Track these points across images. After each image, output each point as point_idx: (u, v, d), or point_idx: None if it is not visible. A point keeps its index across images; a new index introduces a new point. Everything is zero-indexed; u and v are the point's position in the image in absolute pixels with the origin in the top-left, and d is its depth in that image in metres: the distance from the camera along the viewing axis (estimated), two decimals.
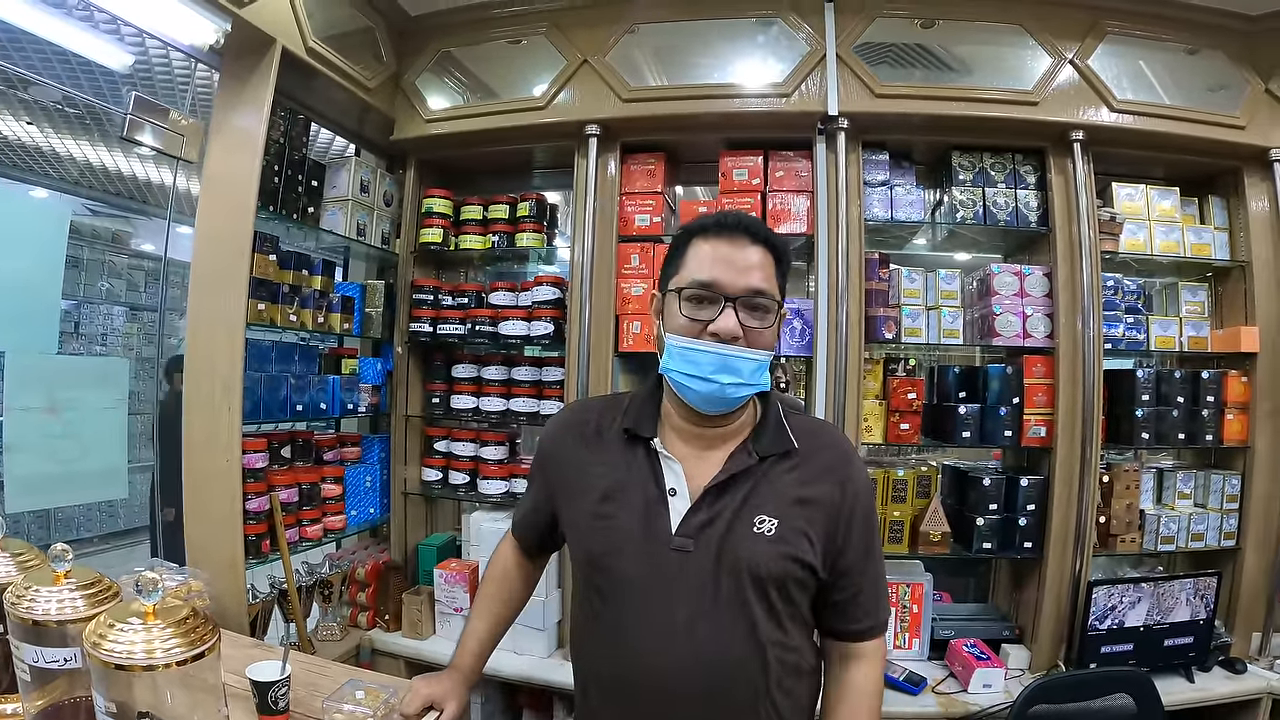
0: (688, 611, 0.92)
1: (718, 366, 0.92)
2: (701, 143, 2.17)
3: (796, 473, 0.97)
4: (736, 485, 0.96)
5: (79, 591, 0.84)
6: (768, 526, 0.93)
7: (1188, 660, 1.98)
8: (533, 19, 2.15)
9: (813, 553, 0.94)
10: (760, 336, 0.94)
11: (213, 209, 1.80)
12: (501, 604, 1.20)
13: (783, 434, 0.99)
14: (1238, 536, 2.11)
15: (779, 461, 0.98)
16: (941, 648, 2.03)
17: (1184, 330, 2.16)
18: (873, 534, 1.02)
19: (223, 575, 1.70)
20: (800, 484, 0.96)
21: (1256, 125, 2.04)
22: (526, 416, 2.20)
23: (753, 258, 0.94)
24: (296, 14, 1.84)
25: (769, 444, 0.98)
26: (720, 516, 0.94)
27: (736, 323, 0.92)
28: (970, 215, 2.07)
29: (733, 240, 0.94)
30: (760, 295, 0.93)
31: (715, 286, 0.93)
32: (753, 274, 0.93)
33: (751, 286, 0.93)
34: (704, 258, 0.94)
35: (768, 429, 1.00)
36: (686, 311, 0.94)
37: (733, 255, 0.93)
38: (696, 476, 0.97)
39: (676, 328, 0.95)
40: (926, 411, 2.12)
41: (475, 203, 2.31)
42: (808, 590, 0.97)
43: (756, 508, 0.95)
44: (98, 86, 3.04)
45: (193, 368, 1.77)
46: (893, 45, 2.03)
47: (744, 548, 0.92)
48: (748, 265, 0.93)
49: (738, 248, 0.94)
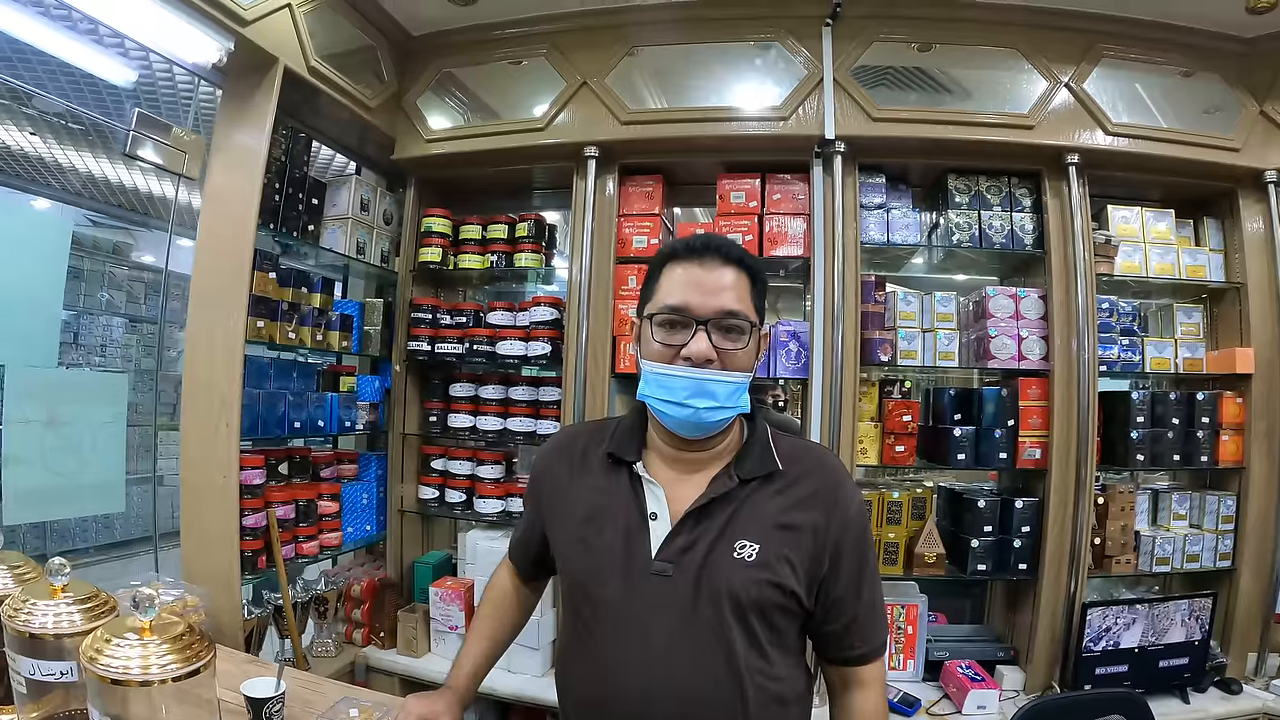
0: (666, 637, 0.91)
1: (692, 391, 0.91)
2: (699, 165, 2.18)
3: (780, 497, 0.95)
4: (718, 509, 0.94)
5: (76, 606, 0.85)
6: (748, 552, 0.92)
7: (1183, 681, 1.98)
8: (533, 40, 2.17)
9: (795, 579, 0.92)
10: (735, 358, 0.92)
11: (213, 226, 1.82)
12: (497, 627, 1.20)
13: (767, 456, 0.98)
14: (1233, 557, 2.11)
15: (762, 485, 0.96)
16: (936, 669, 2.03)
17: (1179, 352, 2.17)
18: (866, 560, 0.99)
19: (219, 591, 1.70)
20: (784, 508, 0.95)
21: (1251, 147, 2.05)
22: (523, 436, 2.21)
23: (724, 279, 0.92)
24: (299, 33, 1.86)
25: (752, 467, 0.97)
26: (700, 541, 0.93)
27: (709, 345, 0.91)
28: (966, 238, 2.08)
29: (703, 263, 0.93)
30: (733, 316, 0.92)
31: (686, 310, 0.92)
32: (724, 295, 0.92)
33: (723, 308, 0.91)
34: (675, 282, 0.94)
35: (752, 452, 0.98)
36: (659, 337, 0.93)
37: (704, 278, 0.92)
38: (678, 500, 0.96)
39: (651, 353, 0.95)
40: (922, 433, 2.12)
41: (474, 222, 2.33)
42: (793, 616, 0.95)
43: (738, 532, 0.93)
44: (101, 101, 3.06)
45: (191, 384, 1.78)
46: (890, 69, 2.05)
47: (723, 573, 0.91)
48: (719, 287, 0.92)
49: (709, 270, 0.93)
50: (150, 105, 2.94)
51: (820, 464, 1.01)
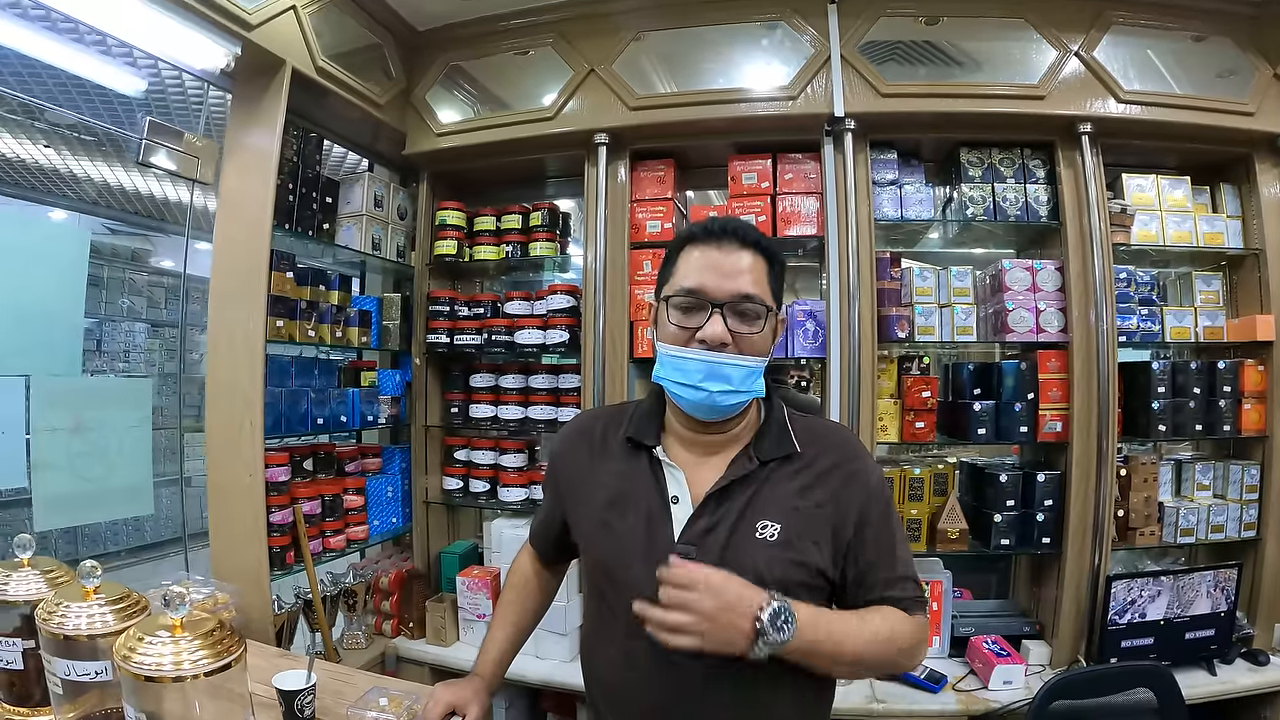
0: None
1: (706, 374, 0.91)
2: (710, 148, 2.18)
3: (799, 477, 0.96)
4: (738, 491, 0.95)
5: (108, 606, 0.86)
6: (770, 532, 0.93)
7: (1209, 653, 1.97)
8: (539, 30, 2.17)
9: (819, 556, 0.93)
10: (750, 342, 0.93)
11: (229, 229, 1.84)
12: (521, 613, 1.21)
13: (785, 437, 0.99)
14: (1258, 527, 2.09)
15: (781, 465, 0.97)
16: (962, 645, 2.02)
17: (1199, 320, 2.15)
18: (891, 529, 0.98)
19: (248, 587, 1.73)
20: (803, 487, 0.95)
21: (1266, 111, 2.02)
22: (544, 424, 2.22)
23: (741, 262, 0.93)
24: (305, 35, 1.87)
25: (770, 448, 0.97)
26: (722, 523, 0.94)
27: (724, 329, 0.91)
28: (980, 211, 2.07)
29: (721, 246, 0.94)
30: (748, 300, 0.92)
31: (702, 293, 0.92)
32: (740, 279, 0.92)
33: (739, 291, 0.92)
34: (692, 265, 0.94)
35: (770, 433, 0.99)
36: (675, 319, 0.94)
37: (721, 261, 0.93)
38: (698, 483, 0.97)
39: (667, 336, 0.95)
40: (941, 409, 2.11)
41: (488, 213, 2.34)
42: (818, 593, 0.95)
43: (759, 513, 0.94)
44: (113, 111, 3.10)
45: (214, 385, 1.81)
46: (897, 44, 2.04)
47: (747, 554, 0.92)
48: (736, 270, 0.92)
49: (726, 253, 0.93)
50: (161, 112, 2.98)
51: (837, 441, 1.02)
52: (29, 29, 1.96)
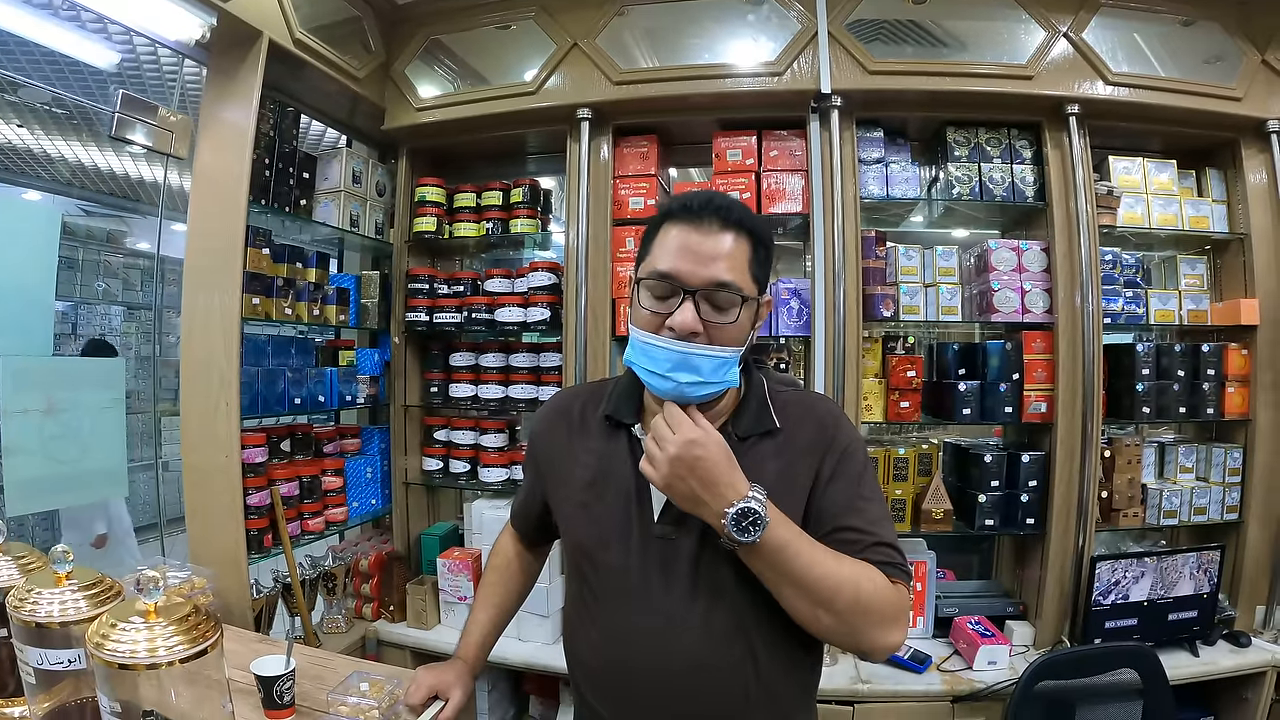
0: (673, 599, 0.91)
1: (675, 364, 0.86)
2: (694, 124, 2.15)
3: (781, 453, 0.94)
4: None
5: (81, 592, 0.83)
6: None
7: (1192, 634, 1.98)
8: (521, 3, 2.13)
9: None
10: (723, 332, 0.87)
11: (204, 205, 1.79)
12: (503, 594, 1.20)
13: (765, 414, 0.96)
14: (1240, 509, 2.10)
15: (761, 441, 0.94)
16: (946, 625, 2.03)
17: (1183, 304, 2.15)
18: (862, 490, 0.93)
19: (226, 571, 1.70)
20: (784, 463, 0.93)
21: (1253, 96, 2.02)
22: (525, 403, 2.20)
23: (721, 246, 0.86)
24: (283, 6, 1.83)
25: (750, 424, 0.95)
26: None
27: (695, 317, 0.85)
28: (966, 191, 2.05)
29: (700, 226, 0.87)
30: (724, 289, 0.86)
31: (675, 278, 0.86)
32: (717, 264, 0.86)
33: (714, 279, 0.85)
34: (669, 245, 0.88)
35: (750, 409, 0.96)
36: (646, 303, 0.89)
37: (700, 243, 0.86)
38: None
39: (639, 319, 0.90)
40: (926, 389, 2.11)
41: (468, 190, 2.30)
42: None
43: None
44: (86, 86, 3.03)
45: (189, 364, 1.77)
46: (885, 21, 2.01)
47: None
48: (714, 255, 0.86)
49: (706, 234, 0.86)
50: (136, 87, 2.91)
51: (817, 415, 0.98)
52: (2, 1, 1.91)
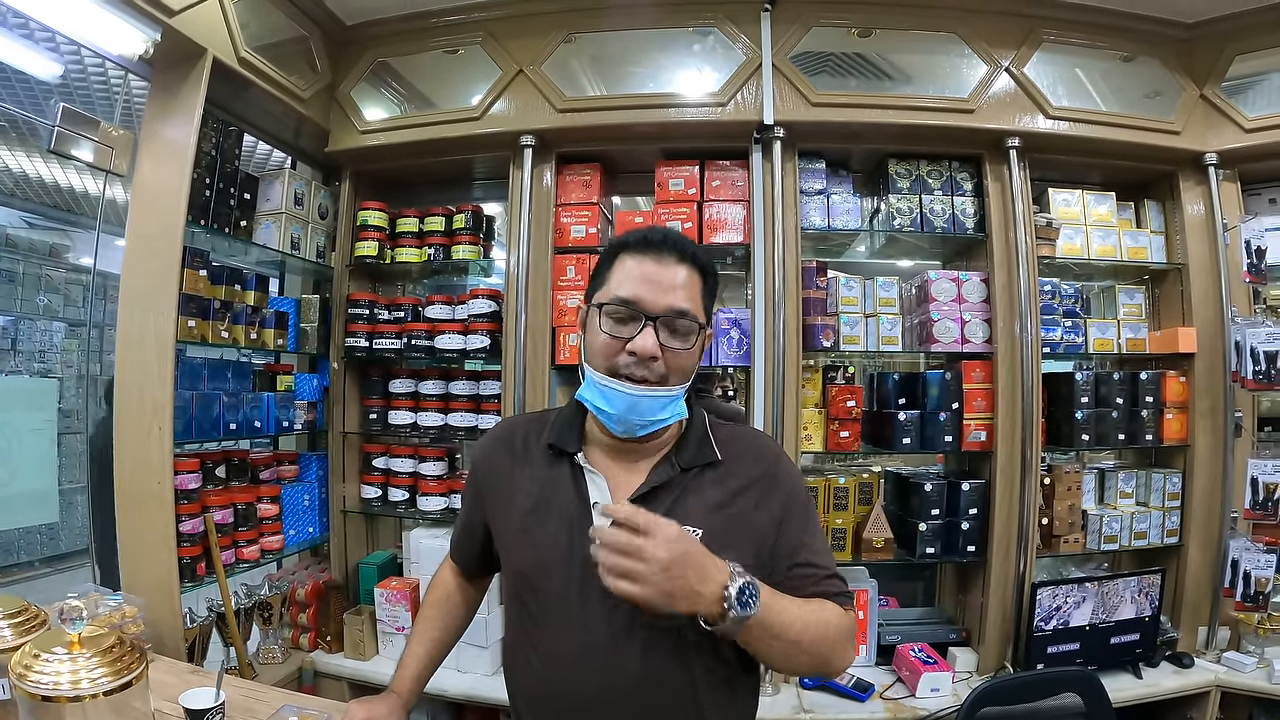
0: (614, 626, 0.91)
1: (628, 407, 0.93)
2: (638, 153, 2.16)
3: (721, 484, 0.97)
4: (659, 498, 0.95)
5: (4, 620, 0.83)
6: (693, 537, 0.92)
7: (1135, 657, 2.01)
8: (469, 28, 2.13)
9: (740, 560, 0.91)
10: (678, 358, 0.93)
11: (142, 223, 1.76)
12: (440, 628, 1.18)
13: (706, 446, 0.99)
14: (1180, 533, 2.15)
15: (702, 473, 0.97)
16: (888, 653, 2.03)
17: (1122, 332, 2.19)
18: (813, 527, 1.00)
19: (158, 600, 1.65)
20: (725, 494, 0.96)
21: (1191, 130, 2.08)
22: (465, 431, 2.17)
23: (678, 277, 0.93)
24: (229, 23, 1.81)
25: (691, 455, 0.98)
26: None
27: (655, 342, 0.91)
28: (908, 223, 2.08)
29: (659, 258, 0.94)
30: (682, 316, 0.92)
31: (637, 304, 0.92)
32: (676, 294, 0.93)
33: (674, 307, 0.92)
34: (629, 274, 0.94)
35: (691, 441, 1.00)
36: (607, 328, 0.94)
37: (659, 274, 0.93)
38: (621, 490, 0.96)
39: (597, 344, 0.95)
40: (866, 418, 2.12)
41: (411, 215, 2.28)
42: None
43: (681, 519, 0.89)
44: (33, 95, 2.96)
45: (122, 387, 1.73)
46: (830, 54, 2.04)
47: None
48: (672, 284, 0.93)
49: (664, 266, 0.93)
50: (82, 98, 2.85)
51: (756, 449, 1.03)
52: None
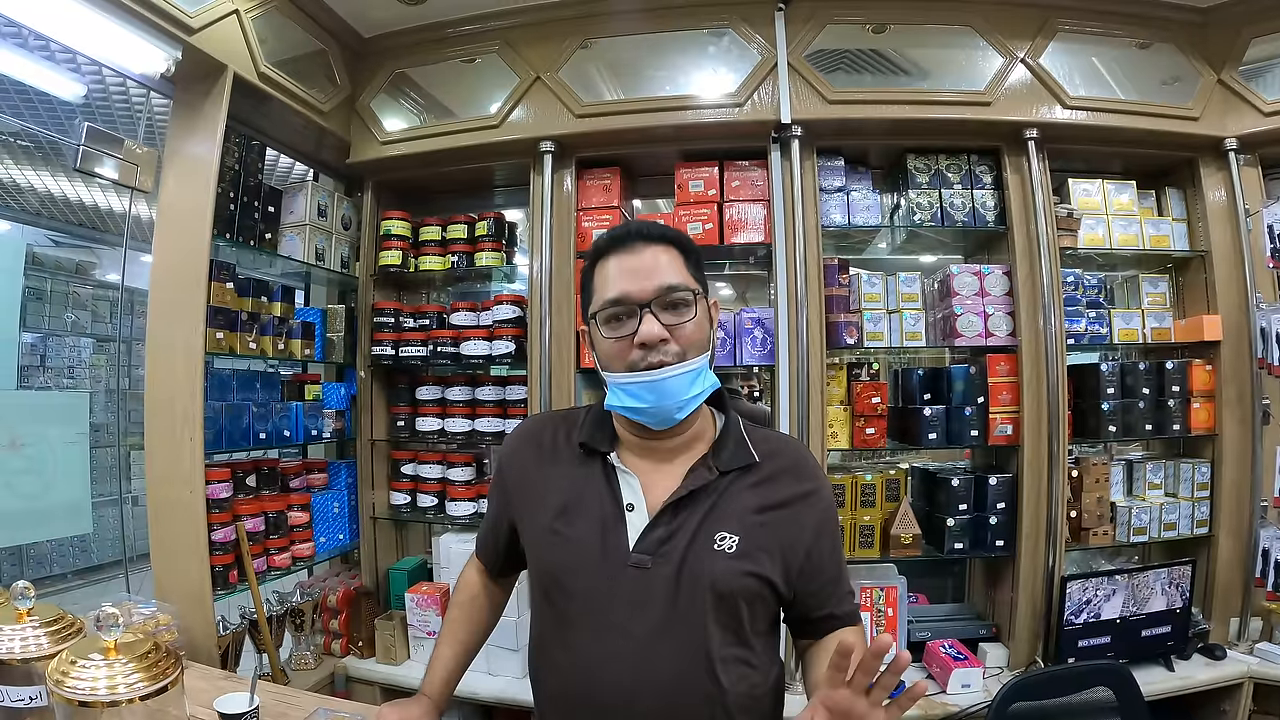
0: (645, 629, 0.91)
1: (657, 396, 0.91)
2: (657, 155, 2.17)
3: (758, 489, 0.96)
4: (696, 501, 0.94)
5: (42, 629, 0.84)
6: (729, 543, 0.92)
7: (1166, 649, 1.99)
8: (485, 37, 2.15)
9: (773, 569, 0.93)
10: (686, 331, 0.92)
11: (168, 238, 1.79)
12: (468, 629, 1.18)
13: (743, 449, 0.98)
14: (1210, 523, 2.12)
15: (740, 476, 0.96)
16: (919, 650, 2.02)
17: (1146, 322, 2.17)
18: (839, 548, 1.03)
19: (191, 607, 1.68)
20: (762, 500, 0.95)
21: (1210, 116, 2.06)
22: (492, 436, 2.19)
23: (656, 259, 0.93)
24: (248, 40, 1.83)
25: (729, 458, 0.97)
26: (680, 533, 0.93)
27: (659, 326, 0.90)
28: (928, 217, 2.07)
29: (631, 249, 0.94)
30: (674, 290, 0.91)
31: (626, 299, 0.91)
32: (659, 274, 0.92)
33: (662, 284, 0.91)
34: (609, 276, 0.94)
35: (728, 443, 0.99)
36: (607, 332, 0.93)
37: (635, 263, 0.92)
38: (654, 491, 0.96)
39: (606, 352, 0.95)
40: (892, 415, 2.11)
41: (433, 223, 2.30)
42: (770, 606, 0.96)
43: (717, 523, 0.93)
44: (56, 116, 3.01)
45: (153, 399, 1.76)
46: (845, 51, 2.04)
47: (704, 565, 0.91)
48: (652, 267, 0.92)
49: (638, 254, 0.93)
50: (104, 117, 2.90)
51: (794, 457, 1.02)
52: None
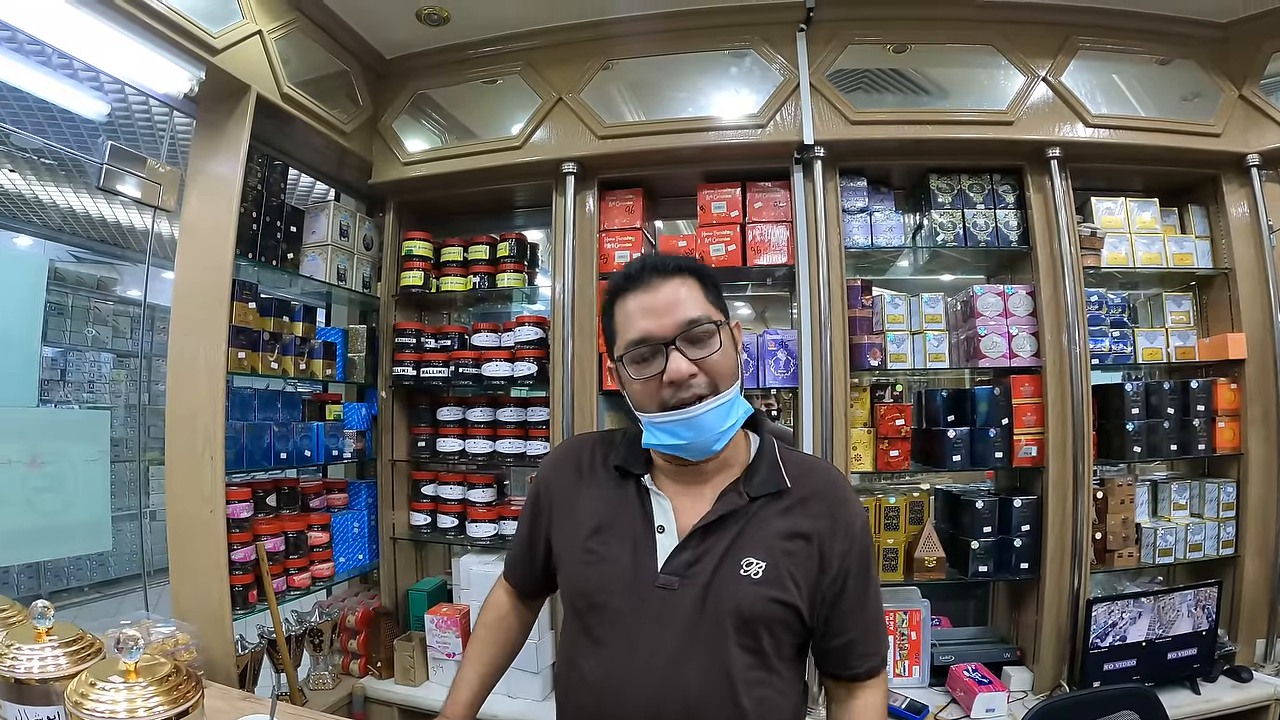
0: (669, 650, 0.91)
1: (694, 432, 0.92)
2: (679, 176, 2.17)
3: (788, 515, 0.96)
4: (726, 526, 0.95)
5: (61, 649, 0.83)
6: (755, 569, 0.92)
7: (1192, 672, 1.96)
8: (507, 58, 2.16)
9: (799, 596, 0.93)
10: (714, 363, 0.92)
11: (191, 257, 1.80)
12: (493, 651, 1.18)
13: (775, 474, 0.98)
14: (1236, 544, 2.09)
15: (770, 501, 0.97)
16: (942, 673, 2.00)
17: (1171, 341, 2.16)
18: (870, 578, 1.00)
19: (210, 627, 1.68)
20: (792, 526, 0.95)
21: (1232, 132, 2.05)
22: (513, 458, 2.19)
23: (673, 293, 0.93)
24: (271, 60, 1.85)
25: (761, 484, 0.97)
26: (707, 556, 0.93)
27: (686, 363, 0.91)
28: (951, 238, 2.07)
29: (647, 286, 0.94)
30: (695, 324, 0.92)
31: (649, 338, 0.92)
32: (679, 308, 0.92)
33: (683, 319, 0.91)
34: (629, 316, 0.94)
35: (761, 468, 0.99)
36: (634, 374, 0.94)
37: (653, 300, 0.93)
38: (686, 514, 0.97)
39: (637, 394, 0.96)
40: (915, 437, 2.10)
41: (455, 244, 2.31)
42: (794, 632, 0.95)
43: (745, 549, 0.93)
44: (78, 133, 3.05)
45: (174, 417, 1.76)
46: (866, 71, 2.04)
47: (729, 589, 0.91)
48: (671, 303, 0.92)
49: (654, 291, 0.93)
50: (127, 136, 2.93)
51: (826, 482, 1.02)
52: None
